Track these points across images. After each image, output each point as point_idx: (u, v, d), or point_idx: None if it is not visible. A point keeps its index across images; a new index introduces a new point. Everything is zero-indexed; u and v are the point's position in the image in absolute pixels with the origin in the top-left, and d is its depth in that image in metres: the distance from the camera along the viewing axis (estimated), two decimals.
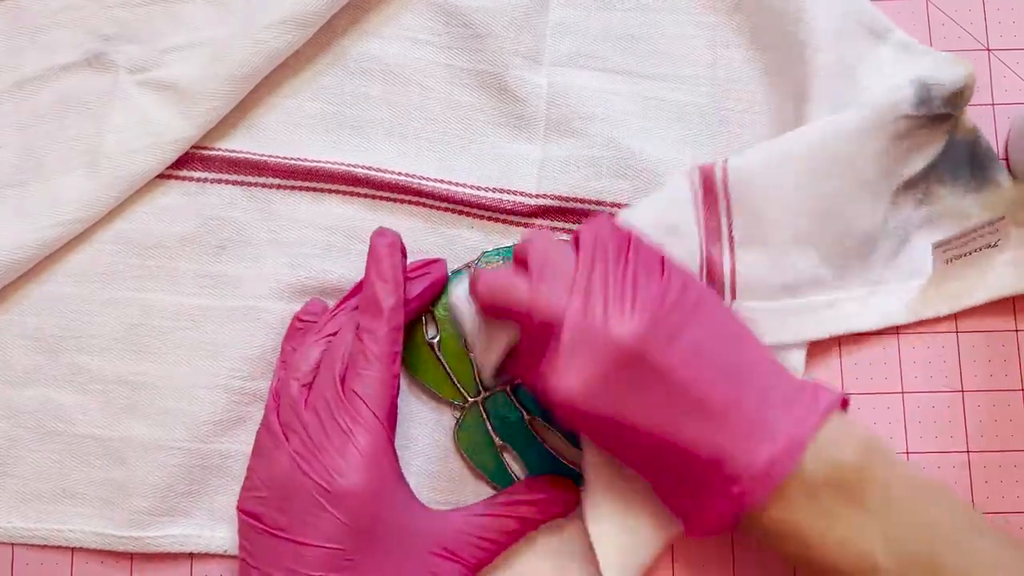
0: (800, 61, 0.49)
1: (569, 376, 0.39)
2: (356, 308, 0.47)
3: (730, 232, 0.48)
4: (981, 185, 0.50)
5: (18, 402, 0.50)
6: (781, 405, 0.40)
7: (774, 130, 0.51)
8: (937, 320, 0.50)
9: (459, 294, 0.46)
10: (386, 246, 0.46)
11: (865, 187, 0.48)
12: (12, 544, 0.50)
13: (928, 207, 0.50)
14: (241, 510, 0.44)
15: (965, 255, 0.49)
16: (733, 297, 0.48)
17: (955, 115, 0.49)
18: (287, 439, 0.43)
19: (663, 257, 0.42)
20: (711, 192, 0.48)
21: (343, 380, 0.44)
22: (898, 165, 0.49)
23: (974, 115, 0.52)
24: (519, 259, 0.43)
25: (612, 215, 0.45)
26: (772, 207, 0.48)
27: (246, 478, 0.45)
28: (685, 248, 0.48)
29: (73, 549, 0.49)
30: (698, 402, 0.39)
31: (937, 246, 0.49)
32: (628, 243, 0.42)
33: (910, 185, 0.50)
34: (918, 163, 0.49)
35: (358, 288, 0.48)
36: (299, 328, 0.48)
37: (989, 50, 0.53)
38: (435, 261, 0.49)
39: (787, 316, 0.48)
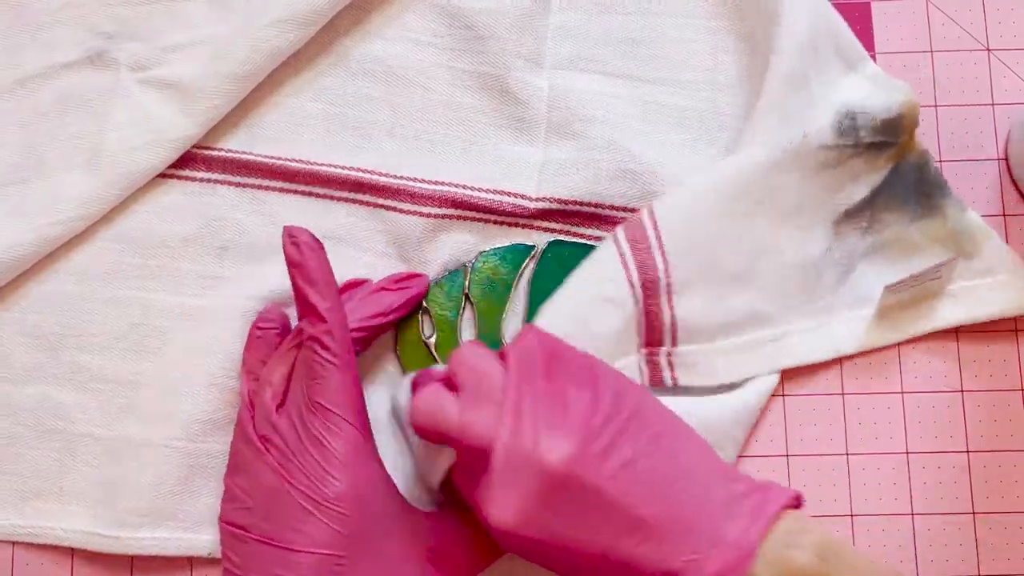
0: (766, 64, 0.49)
1: (502, 504, 0.39)
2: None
3: (668, 281, 0.48)
4: (927, 213, 0.50)
5: (18, 400, 0.50)
6: (727, 512, 0.39)
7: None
8: None
9: (403, 404, 0.46)
10: (304, 249, 0.44)
11: (791, 218, 0.49)
12: (12, 544, 0.50)
13: (873, 235, 0.50)
14: (224, 522, 0.44)
15: (910, 291, 0.49)
16: (673, 343, 0.48)
17: (897, 143, 0.49)
18: (267, 451, 0.43)
19: (592, 366, 0.42)
20: (641, 247, 0.48)
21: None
22: (834, 194, 0.49)
23: (974, 115, 0.52)
24: (450, 378, 0.42)
25: (534, 327, 0.44)
26: (702, 249, 0.48)
27: (226, 491, 0.45)
28: (623, 314, 0.48)
29: (73, 550, 0.49)
30: (638, 520, 0.39)
31: (888, 288, 0.48)
32: (556, 354, 0.42)
33: (853, 214, 0.50)
34: (858, 191, 0.50)
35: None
36: (258, 336, 0.48)
37: (989, 50, 0.53)
38: (417, 275, 0.49)
39: (730, 355, 0.49)
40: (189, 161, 0.52)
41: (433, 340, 0.50)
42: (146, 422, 0.49)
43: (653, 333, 0.48)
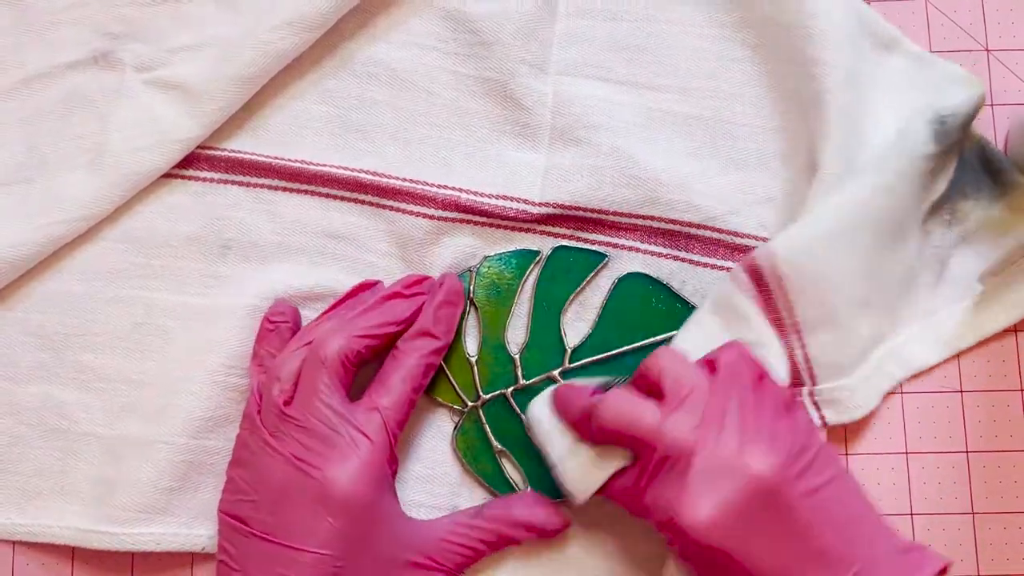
0: (809, 77, 0.49)
1: (699, 504, 0.39)
2: (339, 316, 0.47)
3: (794, 319, 0.47)
4: (1005, 190, 0.50)
5: (21, 399, 0.50)
6: (891, 564, 0.40)
7: (778, 144, 0.51)
8: None
9: (540, 414, 0.46)
10: (454, 294, 0.48)
11: (900, 232, 0.48)
12: (13, 544, 0.50)
13: (959, 225, 0.50)
14: (224, 513, 0.44)
15: (1011, 268, 0.49)
16: (813, 383, 0.48)
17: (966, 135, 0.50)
18: (277, 444, 0.43)
19: (791, 394, 0.43)
20: (764, 286, 0.47)
21: (347, 387, 0.45)
22: (922, 197, 0.49)
23: None
24: (643, 379, 0.43)
25: (743, 344, 0.44)
26: (828, 284, 0.47)
27: (228, 481, 0.45)
28: (771, 354, 0.47)
29: (74, 550, 0.49)
30: (820, 548, 0.39)
31: (984, 274, 0.49)
32: (761, 376, 0.43)
33: (935, 209, 0.50)
34: (940, 187, 0.49)
35: (344, 298, 0.49)
36: (270, 330, 0.48)
37: (989, 50, 0.53)
38: (428, 279, 0.49)
39: (867, 383, 0.48)
40: (193, 161, 0.52)
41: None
42: (148, 420, 0.49)
43: (792, 373, 0.47)
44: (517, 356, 0.50)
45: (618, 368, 0.49)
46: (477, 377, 0.50)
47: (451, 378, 0.50)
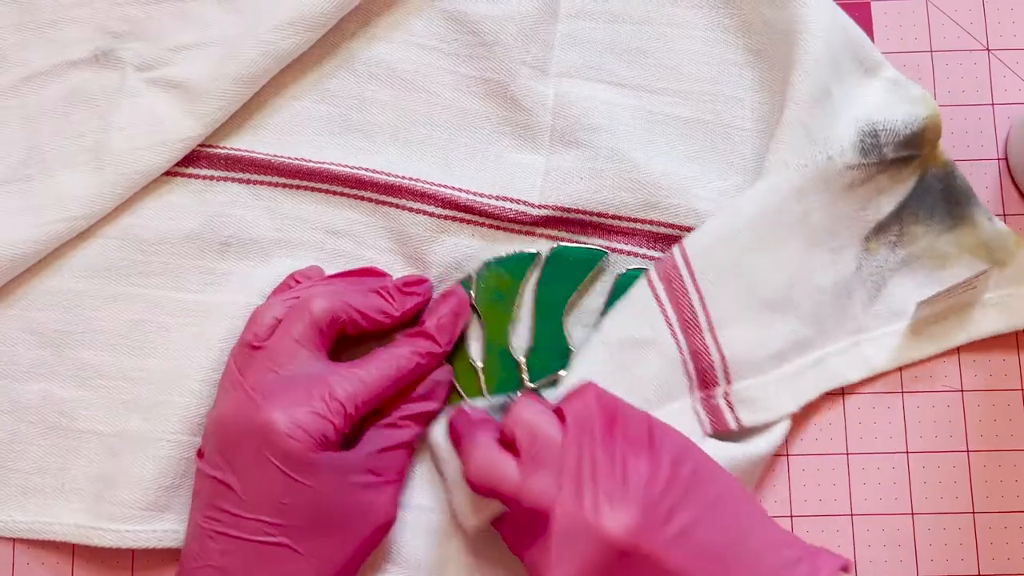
0: (787, 81, 0.49)
1: (560, 570, 0.39)
2: (334, 285, 0.48)
3: (707, 317, 0.47)
4: (957, 223, 0.50)
5: (21, 396, 0.50)
6: None
7: None
8: None
9: (437, 438, 0.47)
10: (465, 307, 0.49)
11: (823, 241, 0.49)
12: (13, 542, 0.50)
13: (904, 249, 0.50)
14: (197, 451, 0.45)
15: (947, 302, 0.49)
16: (728, 381, 0.48)
17: (921, 155, 0.50)
18: (242, 378, 0.44)
19: (651, 427, 0.42)
20: (675, 284, 0.48)
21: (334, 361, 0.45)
22: (862, 212, 0.49)
23: (974, 115, 0.52)
24: (506, 435, 0.42)
25: (593, 385, 0.43)
26: (738, 282, 0.48)
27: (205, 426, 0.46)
28: (666, 356, 0.47)
29: (74, 548, 0.49)
30: None
31: (921, 303, 0.48)
32: (614, 417, 0.42)
33: (882, 228, 0.50)
34: (885, 206, 0.50)
35: (346, 274, 0.49)
36: (289, 286, 0.49)
37: (989, 50, 0.53)
38: (422, 281, 0.49)
39: (783, 385, 0.48)
40: (192, 159, 0.52)
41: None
42: (148, 417, 0.49)
43: (705, 374, 0.48)
44: (522, 360, 0.50)
45: None
46: (483, 382, 0.49)
47: (457, 385, 0.49)
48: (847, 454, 0.50)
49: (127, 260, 0.51)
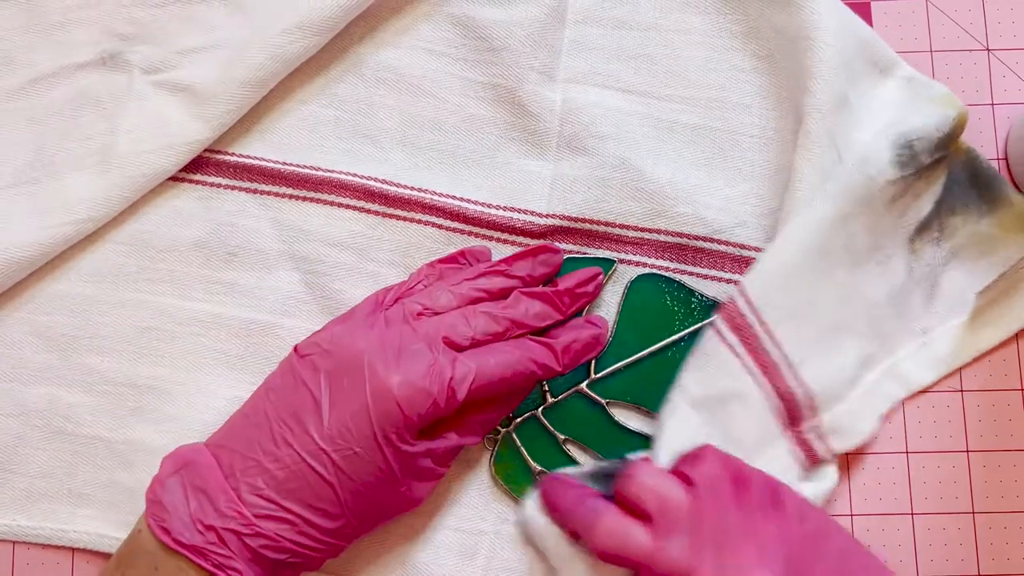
0: (804, 90, 0.49)
1: None
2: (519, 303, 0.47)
3: (784, 356, 0.47)
4: (993, 206, 0.50)
5: (27, 400, 0.50)
6: None
7: (786, 156, 0.51)
8: None
9: (533, 515, 0.46)
10: (596, 338, 0.48)
11: (869, 258, 0.49)
12: (13, 543, 0.50)
13: (948, 242, 0.50)
14: (297, 350, 0.45)
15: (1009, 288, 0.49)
16: (815, 414, 0.47)
17: (949, 152, 0.50)
18: (379, 328, 0.44)
19: (775, 487, 0.42)
20: (746, 333, 0.47)
21: (462, 350, 0.45)
22: (902, 219, 0.49)
23: (974, 115, 0.52)
24: (626, 499, 0.43)
25: (713, 447, 0.44)
26: (803, 317, 0.47)
27: (321, 329, 0.46)
28: (754, 404, 0.47)
29: (74, 549, 0.49)
30: None
31: (980, 293, 0.49)
32: (740, 479, 0.42)
33: (923, 228, 0.50)
34: (924, 208, 0.50)
35: (527, 253, 0.49)
36: (459, 262, 0.49)
37: (989, 50, 0.53)
38: (594, 276, 0.49)
39: (862, 405, 0.48)
40: (201, 165, 0.52)
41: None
42: (160, 428, 0.50)
43: (793, 412, 0.47)
44: None
45: (644, 371, 0.49)
46: None
47: None
48: (847, 454, 0.50)
49: (134, 266, 0.51)
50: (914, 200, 0.49)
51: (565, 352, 0.47)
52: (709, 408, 0.47)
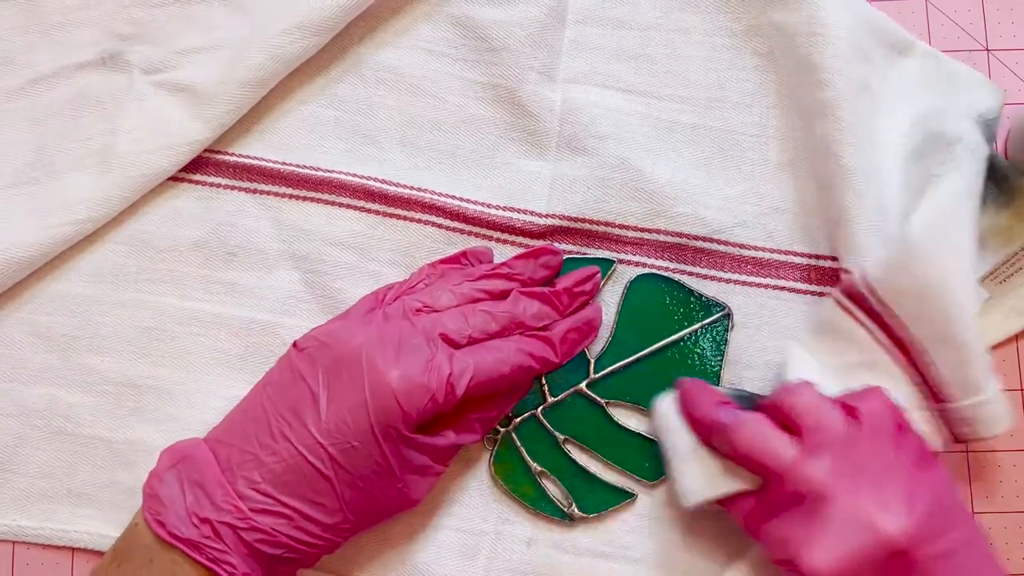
0: (818, 85, 0.49)
1: (824, 552, 0.39)
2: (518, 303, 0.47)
3: (911, 338, 0.45)
4: (1010, 198, 0.50)
5: (27, 400, 0.50)
6: None
7: (786, 154, 0.51)
8: None
9: (666, 409, 0.46)
10: (591, 320, 0.49)
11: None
12: (13, 543, 0.50)
13: None
14: (296, 344, 0.45)
15: (1015, 273, 0.49)
16: (946, 401, 0.45)
17: None
18: (378, 323, 0.44)
19: (929, 448, 0.42)
20: (868, 307, 0.46)
21: (459, 347, 0.45)
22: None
23: None
24: (778, 412, 0.43)
25: (885, 391, 0.43)
26: (936, 298, 0.45)
27: (322, 324, 0.46)
28: (892, 375, 0.46)
29: (74, 549, 0.50)
30: None
31: (983, 279, 0.49)
32: (903, 426, 0.42)
33: None
34: None
35: (516, 259, 0.49)
36: (461, 262, 0.49)
37: (989, 50, 0.53)
38: (591, 275, 0.50)
39: (1001, 399, 0.46)
40: (200, 165, 0.52)
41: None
42: (160, 428, 0.50)
43: (932, 388, 0.46)
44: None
45: (643, 371, 0.49)
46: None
47: None
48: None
49: (134, 266, 0.51)
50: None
51: (562, 343, 0.47)
52: (848, 375, 0.46)
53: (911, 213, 0.46)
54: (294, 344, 0.45)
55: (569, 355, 0.48)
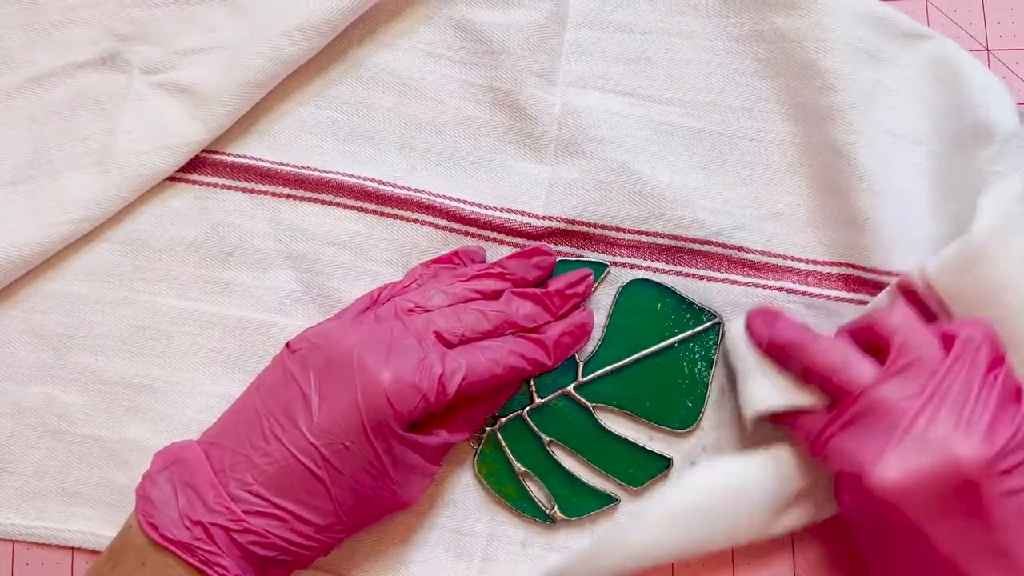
0: (827, 90, 0.49)
1: (896, 468, 0.39)
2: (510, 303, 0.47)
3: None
4: None
5: (22, 399, 0.50)
6: None
7: (785, 159, 0.51)
8: None
9: (738, 332, 0.47)
10: (583, 325, 0.49)
11: None
12: (12, 543, 0.50)
13: None
14: (289, 345, 0.45)
15: None
16: None
17: None
18: (370, 324, 0.44)
19: (1019, 388, 0.42)
20: (924, 308, 0.45)
21: (452, 346, 0.44)
22: None
23: None
24: (870, 331, 0.43)
25: (987, 323, 0.42)
26: (1003, 303, 0.44)
27: (315, 325, 0.46)
28: None
29: (73, 549, 0.50)
30: (1003, 549, 0.38)
31: None
32: (999, 359, 0.42)
33: None
34: None
35: (508, 259, 0.49)
36: (454, 263, 0.49)
37: (989, 50, 0.53)
38: (583, 278, 0.49)
39: None
40: (198, 165, 0.52)
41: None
42: (155, 427, 0.50)
43: None
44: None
45: (632, 376, 0.49)
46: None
47: None
48: None
49: (130, 265, 0.51)
50: None
51: (556, 346, 0.47)
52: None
53: (963, 209, 0.45)
54: (287, 345, 0.45)
55: (562, 359, 0.48)
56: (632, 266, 0.50)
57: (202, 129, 0.50)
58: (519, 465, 0.49)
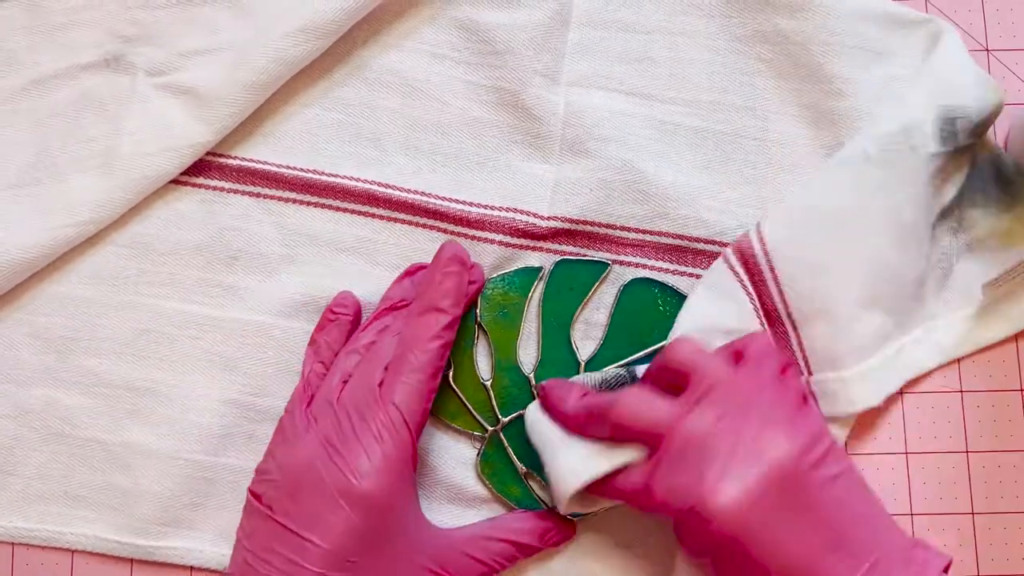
0: (835, 94, 0.50)
1: (727, 489, 0.39)
2: (401, 314, 0.47)
3: (788, 311, 0.47)
4: (1014, 201, 0.50)
5: (25, 401, 0.50)
6: (902, 557, 0.41)
7: (789, 159, 0.51)
8: None
9: (536, 415, 0.46)
10: (455, 262, 0.47)
11: (910, 232, 0.48)
12: (12, 544, 0.50)
13: (965, 233, 0.50)
14: (250, 490, 0.44)
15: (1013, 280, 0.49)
16: (809, 373, 0.48)
17: (978, 142, 0.50)
18: (312, 431, 0.44)
19: (807, 388, 0.43)
20: (756, 273, 0.48)
21: (381, 385, 0.44)
22: (935, 201, 0.49)
23: None
24: (664, 371, 0.43)
25: (769, 335, 0.46)
26: (824, 278, 0.47)
27: (263, 461, 0.45)
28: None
29: (73, 551, 0.49)
30: (838, 540, 0.40)
31: (986, 285, 0.49)
32: (784, 367, 0.43)
33: (944, 215, 0.50)
34: (949, 193, 0.49)
35: (395, 281, 0.49)
36: (331, 320, 0.49)
37: (989, 50, 0.53)
38: (473, 266, 0.50)
39: (864, 379, 0.48)
40: (203, 169, 0.52)
41: (451, 373, 0.49)
42: (157, 431, 0.50)
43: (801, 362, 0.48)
44: (531, 375, 0.50)
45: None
46: (494, 400, 0.49)
47: (468, 404, 0.49)
48: (847, 454, 0.49)
49: (134, 269, 0.51)
50: (943, 183, 0.49)
51: (443, 296, 0.46)
52: (712, 339, 0.47)
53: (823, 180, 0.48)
54: (250, 491, 0.44)
55: (458, 303, 0.47)
56: (637, 265, 0.51)
57: (206, 131, 0.50)
58: (522, 465, 0.49)
